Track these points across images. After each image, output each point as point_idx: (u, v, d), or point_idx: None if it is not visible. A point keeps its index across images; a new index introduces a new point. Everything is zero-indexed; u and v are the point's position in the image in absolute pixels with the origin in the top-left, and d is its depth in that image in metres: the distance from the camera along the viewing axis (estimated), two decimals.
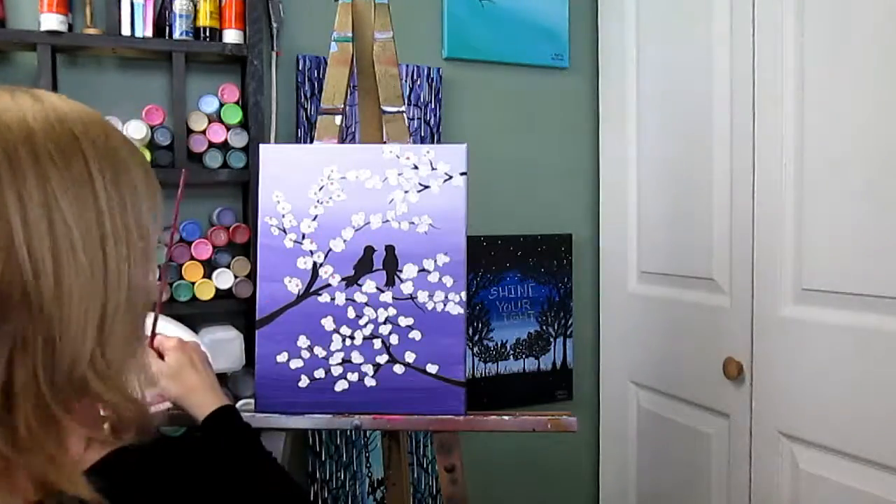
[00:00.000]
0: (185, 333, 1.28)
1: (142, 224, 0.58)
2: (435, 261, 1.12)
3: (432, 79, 1.83)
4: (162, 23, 1.52)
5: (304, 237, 1.13)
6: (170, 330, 1.20)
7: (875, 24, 1.23)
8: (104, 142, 0.56)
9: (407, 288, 1.12)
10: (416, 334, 1.12)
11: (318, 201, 1.13)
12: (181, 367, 0.91)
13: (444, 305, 1.12)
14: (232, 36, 1.55)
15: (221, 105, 1.55)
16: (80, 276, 0.51)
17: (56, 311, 0.51)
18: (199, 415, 0.90)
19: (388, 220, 1.13)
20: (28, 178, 0.50)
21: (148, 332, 0.86)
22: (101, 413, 0.56)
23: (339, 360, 1.12)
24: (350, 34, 1.23)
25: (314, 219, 1.13)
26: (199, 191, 1.59)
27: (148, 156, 1.47)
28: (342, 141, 1.31)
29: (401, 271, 1.12)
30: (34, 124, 0.52)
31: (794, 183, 1.39)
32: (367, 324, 1.12)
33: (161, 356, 0.95)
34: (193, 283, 1.52)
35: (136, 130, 1.44)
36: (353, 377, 1.12)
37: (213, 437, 0.88)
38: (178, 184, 0.96)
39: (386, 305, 1.12)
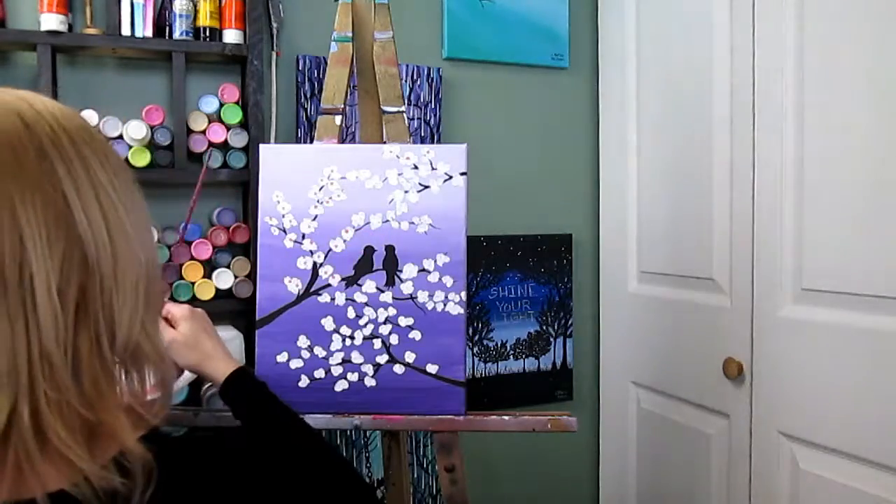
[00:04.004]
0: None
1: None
2: (435, 261, 1.12)
3: (432, 79, 1.83)
4: (162, 23, 1.52)
5: (304, 237, 1.13)
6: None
7: (875, 23, 1.23)
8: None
9: (407, 288, 1.12)
10: (416, 334, 1.12)
11: (318, 201, 1.13)
12: (196, 334, 0.92)
13: (444, 305, 1.12)
14: (232, 36, 1.55)
15: (221, 105, 1.55)
16: (130, 250, 0.55)
17: (112, 282, 0.53)
18: (217, 380, 0.92)
19: (388, 220, 1.13)
20: (74, 160, 0.53)
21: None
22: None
23: (340, 360, 1.12)
24: (350, 34, 1.23)
25: (314, 219, 1.13)
26: None
27: (148, 156, 1.47)
28: (342, 141, 1.30)
29: (401, 271, 1.12)
30: (62, 115, 0.55)
31: (794, 183, 1.39)
32: (367, 324, 1.12)
33: (171, 325, 0.95)
34: (193, 283, 1.52)
35: (136, 130, 1.44)
36: (353, 377, 1.12)
37: (236, 400, 0.91)
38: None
39: (386, 305, 1.12)
